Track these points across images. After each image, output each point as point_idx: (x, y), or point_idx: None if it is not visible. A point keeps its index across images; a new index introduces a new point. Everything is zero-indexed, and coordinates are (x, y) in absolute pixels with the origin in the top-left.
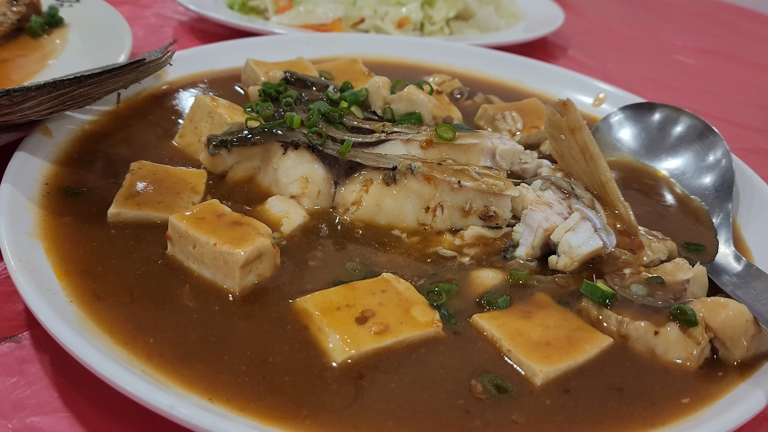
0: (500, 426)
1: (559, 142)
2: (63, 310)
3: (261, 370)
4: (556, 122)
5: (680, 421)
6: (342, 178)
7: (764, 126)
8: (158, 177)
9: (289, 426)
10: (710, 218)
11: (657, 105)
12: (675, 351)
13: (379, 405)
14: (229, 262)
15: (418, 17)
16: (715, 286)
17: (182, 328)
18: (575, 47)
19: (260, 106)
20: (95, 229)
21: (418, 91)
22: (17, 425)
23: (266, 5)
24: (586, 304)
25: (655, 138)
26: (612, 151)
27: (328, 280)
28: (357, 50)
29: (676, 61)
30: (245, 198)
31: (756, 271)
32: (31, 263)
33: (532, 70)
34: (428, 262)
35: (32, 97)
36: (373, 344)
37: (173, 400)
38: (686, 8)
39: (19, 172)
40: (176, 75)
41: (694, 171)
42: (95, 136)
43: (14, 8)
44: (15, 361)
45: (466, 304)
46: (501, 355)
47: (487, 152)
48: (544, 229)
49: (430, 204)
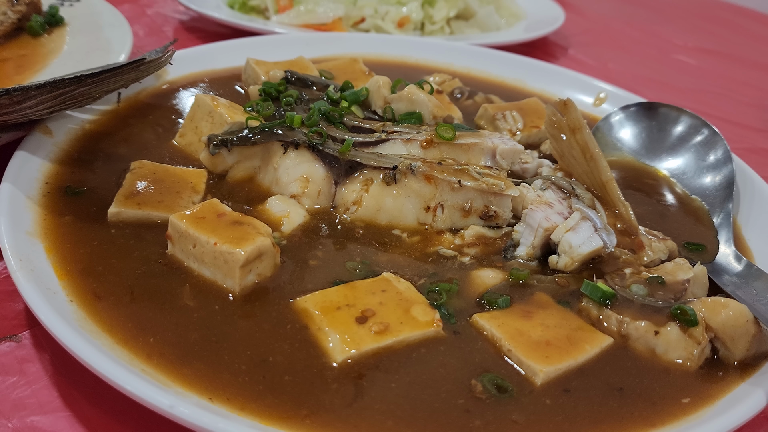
0: (500, 426)
1: (559, 141)
2: (63, 309)
3: (261, 369)
4: (557, 122)
5: (680, 421)
6: (342, 178)
7: (764, 126)
8: (158, 176)
9: (289, 425)
10: (711, 218)
11: (657, 105)
12: (675, 351)
13: (379, 404)
14: (230, 262)
15: (418, 17)
16: (716, 286)
17: (182, 327)
18: (576, 47)
19: (261, 105)
20: (95, 229)
21: (418, 91)
22: (17, 424)
23: (267, 5)
24: (586, 303)
25: (656, 138)
26: (612, 150)
27: (329, 279)
28: (357, 50)
29: (676, 61)
30: (245, 197)
31: (756, 271)
32: (31, 262)
33: (532, 69)
34: (428, 262)
35: (32, 97)
36: (373, 344)
37: (173, 400)
38: (687, 8)
39: (20, 171)
40: (176, 74)
41: (695, 171)
42: (95, 135)
43: (15, 7)
44: (15, 361)
45: (467, 304)
46: (501, 354)
47: (488, 152)
48: (544, 229)
49: (431, 203)
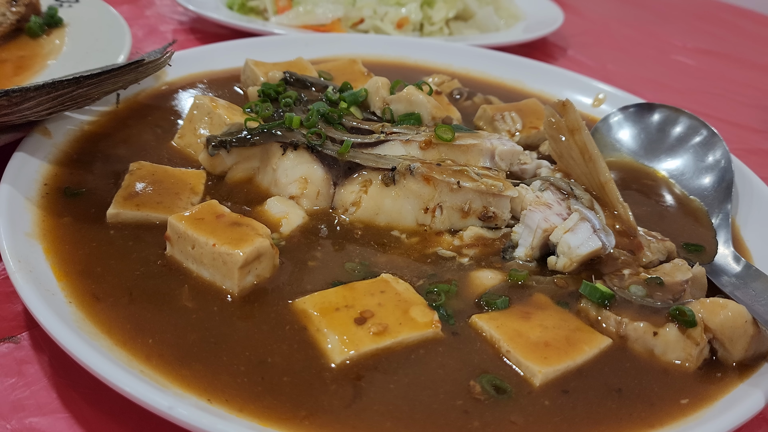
0: (499, 427)
1: (558, 142)
2: (62, 310)
3: (260, 370)
4: (556, 123)
5: (679, 422)
6: (341, 179)
7: (764, 126)
8: (157, 177)
9: (288, 426)
10: (709, 219)
11: (656, 105)
12: (674, 352)
13: (378, 406)
14: (228, 263)
15: (417, 18)
16: (714, 286)
17: (181, 328)
18: (575, 48)
19: (259, 106)
20: (94, 230)
21: (417, 92)
22: (16, 426)
23: (266, 5)
24: (585, 305)
25: (655, 138)
26: (611, 151)
27: (327, 280)
28: (356, 51)
29: (675, 62)
30: (244, 198)
31: (755, 271)
32: (30, 264)
33: (531, 70)
34: (427, 263)
35: (31, 98)
36: (371, 345)
37: (172, 401)
38: (686, 8)
39: (18, 172)
40: (175, 75)
41: (694, 171)
42: (94, 136)
43: (13, 9)
44: (14, 362)
45: (465, 305)
46: (500, 355)
47: (487, 153)
48: (543, 230)
49: (430, 204)
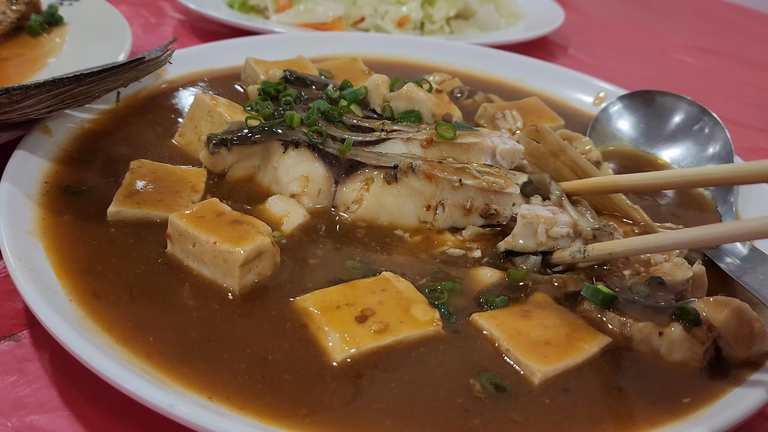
0: (499, 425)
1: (546, 168)
2: (62, 308)
3: (260, 368)
4: (535, 150)
5: (681, 421)
6: (342, 177)
7: (764, 125)
8: (158, 176)
9: (289, 424)
10: (714, 204)
11: (654, 92)
12: (680, 352)
13: (379, 404)
14: (229, 261)
15: (418, 16)
16: (715, 282)
17: (182, 326)
18: (575, 46)
19: (260, 104)
20: (95, 228)
21: (417, 89)
22: (16, 424)
23: (266, 4)
24: (588, 306)
25: (654, 125)
26: (612, 140)
27: (328, 278)
28: (357, 49)
29: (676, 60)
30: (245, 197)
31: (762, 254)
32: (30, 262)
33: (532, 69)
34: (430, 261)
35: (32, 96)
36: (372, 343)
37: (173, 399)
38: (686, 7)
39: (19, 170)
40: (176, 74)
41: (695, 157)
42: (95, 134)
43: (14, 7)
44: (14, 360)
45: (466, 303)
46: (500, 354)
47: (488, 151)
48: (543, 228)
49: (431, 202)
